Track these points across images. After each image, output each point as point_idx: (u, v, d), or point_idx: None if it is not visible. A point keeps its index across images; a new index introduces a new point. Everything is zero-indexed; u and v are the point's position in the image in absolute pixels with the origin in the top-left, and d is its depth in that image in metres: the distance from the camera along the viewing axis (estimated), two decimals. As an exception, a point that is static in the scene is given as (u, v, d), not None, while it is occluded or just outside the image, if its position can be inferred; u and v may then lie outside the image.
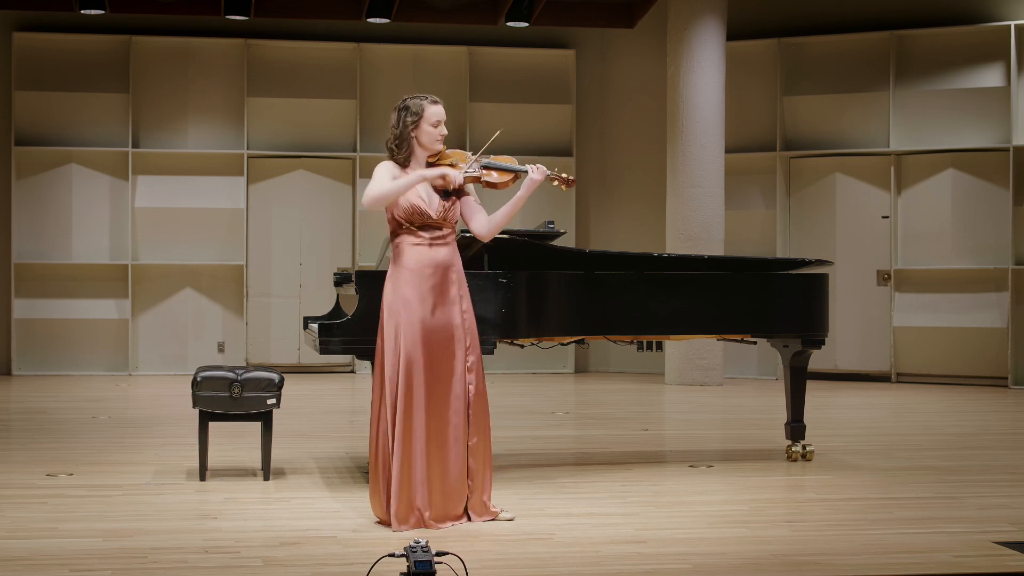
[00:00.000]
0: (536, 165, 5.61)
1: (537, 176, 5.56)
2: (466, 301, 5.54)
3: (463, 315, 5.50)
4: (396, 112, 5.54)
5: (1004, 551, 4.96)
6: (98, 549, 4.92)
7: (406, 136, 5.50)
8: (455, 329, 5.47)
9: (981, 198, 12.04)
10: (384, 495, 5.38)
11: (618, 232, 13.33)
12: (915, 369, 12.26)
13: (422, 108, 5.50)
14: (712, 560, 4.81)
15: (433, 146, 5.53)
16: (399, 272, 5.47)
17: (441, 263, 5.47)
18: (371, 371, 7.39)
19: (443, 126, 5.54)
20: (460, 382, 5.47)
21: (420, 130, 5.50)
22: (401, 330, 5.40)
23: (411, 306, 5.41)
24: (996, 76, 12.04)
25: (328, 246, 12.89)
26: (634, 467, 7.02)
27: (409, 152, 5.52)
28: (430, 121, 5.50)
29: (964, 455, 7.69)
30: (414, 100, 5.53)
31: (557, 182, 5.68)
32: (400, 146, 5.52)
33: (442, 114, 5.54)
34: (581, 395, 11.48)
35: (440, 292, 5.46)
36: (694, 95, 11.83)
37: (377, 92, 13.01)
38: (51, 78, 12.62)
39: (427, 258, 5.46)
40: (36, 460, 7.05)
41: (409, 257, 5.46)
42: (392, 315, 5.44)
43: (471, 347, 5.50)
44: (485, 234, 5.62)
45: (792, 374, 7.20)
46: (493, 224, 5.60)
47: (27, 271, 12.51)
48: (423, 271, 5.44)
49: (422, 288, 5.43)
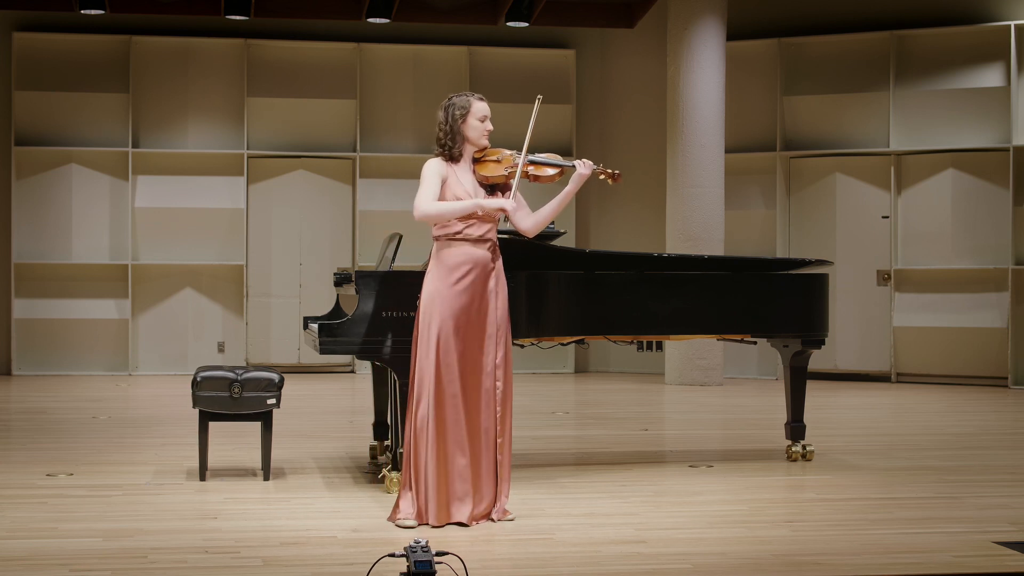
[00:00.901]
0: (583, 160, 5.70)
1: (585, 171, 5.65)
2: (502, 298, 5.58)
3: (498, 312, 5.55)
4: (443, 110, 5.63)
5: (1004, 551, 4.96)
6: (98, 549, 4.92)
7: (457, 129, 5.58)
8: (488, 326, 5.52)
9: (981, 198, 12.04)
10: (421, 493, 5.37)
11: (618, 232, 13.33)
12: (915, 369, 12.27)
13: (469, 104, 5.59)
14: (712, 560, 4.81)
15: (480, 141, 5.61)
16: (439, 268, 5.51)
17: (480, 260, 5.52)
18: (372, 371, 7.40)
19: (489, 122, 5.63)
20: (490, 378, 5.51)
21: (467, 124, 5.59)
22: (435, 326, 5.43)
23: (449, 302, 5.45)
24: (996, 76, 12.05)
25: (328, 246, 12.90)
26: (634, 467, 7.02)
27: (461, 145, 5.59)
28: (477, 116, 5.59)
29: (964, 455, 7.69)
30: (460, 97, 5.63)
31: (604, 176, 5.77)
32: (453, 140, 5.58)
33: (487, 110, 5.64)
34: (581, 395, 11.48)
35: (478, 289, 5.50)
36: (694, 95, 11.83)
37: (377, 92, 13.02)
38: (51, 78, 12.62)
39: (467, 255, 5.50)
40: (36, 460, 7.05)
41: (450, 254, 5.51)
42: (429, 309, 5.47)
43: (500, 343, 5.54)
44: (530, 229, 5.67)
45: (792, 374, 7.20)
46: (539, 219, 5.66)
47: (27, 271, 12.51)
48: (462, 268, 5.49)
49: (461, 285, 5.47)
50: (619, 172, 5.84)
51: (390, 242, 6.52)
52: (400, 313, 6.00)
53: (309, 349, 7.46)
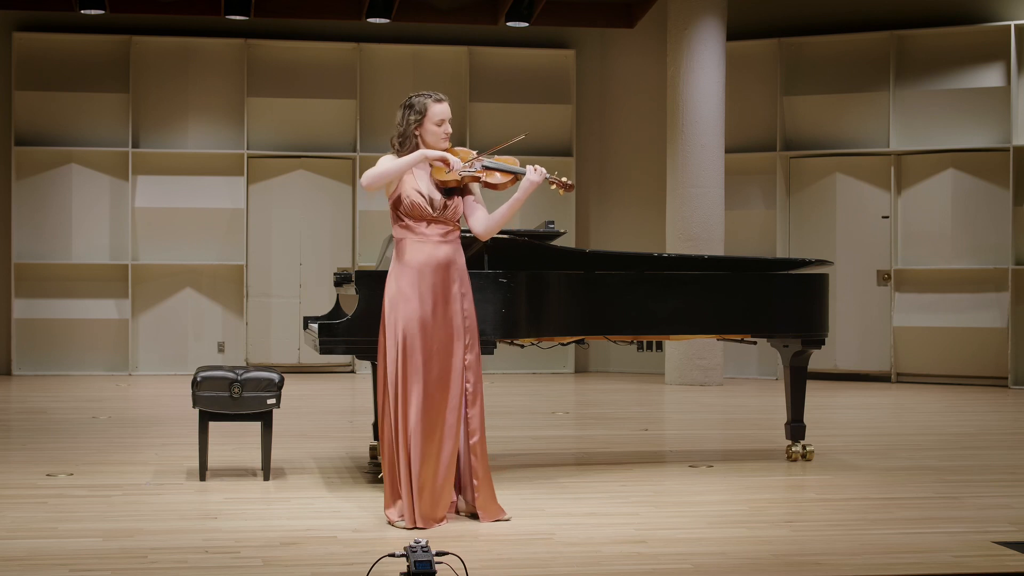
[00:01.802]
0: (535, 167, 5.57)
1: (535, 178, 5.52)
2: (468, 299, 5.54)
3: (464, 313, 5.51)
4: (401, 109, 5.56)
5: (1004, 551, 4.96)
6: (98, 549, 4.92)
7: (410, 134, 5.52)
8: (455, 328, 5.48)
9: (981, 198, 12.04)
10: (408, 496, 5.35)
11: (618, 232, 13.33)
12: (915, 369, 12.26)
13: (426, 107, 5.51)
14: (712, 560, 4.81)
15: (437, 144, 5.54)
16: (401, 269, 5.47)
17: (442, 261, 5.48)
18: (372, 371, 7.40)
19: (447, 124, 5.55)
20: (458, 380, 5.47)
21: (424, 128, 5.52)
22: (400, 327, 5.40)
23: (411, 303, 5.42)
24: (996, 76, 12.04)
25: (328, 246, 12.89)
26: (634, 467, 7.02)
27: (412, 150, 5.52)
28: (434, 120, 5.51)
29: (964, 455, 7.69)
30: (418, 98, 5.55)
31: (555, 186, 5.62)
32: (404, 143, 5.53)
33: (447, 112, 5.55)
34: (581, 395, 11.48)
35: (441, 290, 5.46)
36: (694, 95, 11.83)
37: (377, 92, 13.01)
38: (51, 78, 12.62)
39: (428, 255, 5.46)
40: (36, 460, 7.05)
41: (411, 254, 5.47)
42: (392, 312, 5.45)
43: (470, 345, 5.51)
44: (482, 232, 5.62)
45: (792, 374, 7.20)
46: (491, 223, 5.59)
47: (27, 271, 12.51)
48: (424, 268, 5.45)
49: (423, 285, 5.43)
50: (572, 183, 5.65)
51: (390, 242, 6.52)
52: (400, 313, 5.98)
53: (309, 349, 7.46)
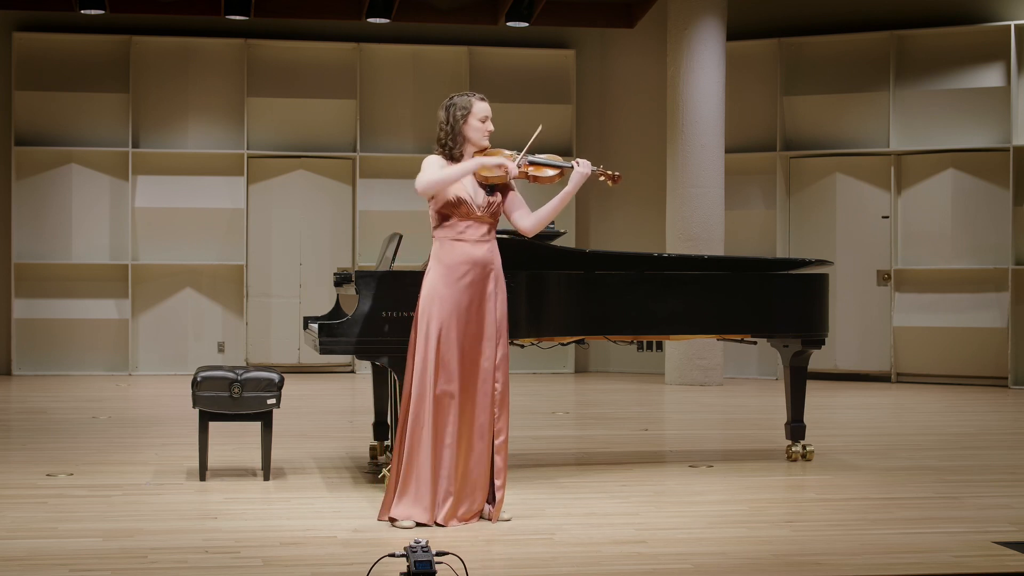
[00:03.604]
0: (583, 160, 5.69)
1: (585, 170, 5.65)
2: (501, 299, 5.57)
3: (497, 313, 5.54)
4: (444, 110, 5.60)
5: (1004, 551, 4.96)
6: (98, 549, 4.92)
7: (458, 130, 5.55)
8: (487, 327, 5.51)
9: (981, 198, 12.04)
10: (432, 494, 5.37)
11: (618, 232, 13.33)
12: (915, 369, 12.26)
13: (470, 104, 5.57)
14: (712, 560, 4.81)
15: (480, 141, 5.59)
16: (438, 268, 5.50)
17: (479, 261, 5.51)
18: (371, 371, 7.40)
19: (490, 122, 5.61)
20: (488, 379, 5.50)
21: (468, 125, 5.56)
22: (433, 326, 5.43)
23: (446, 303, 5.44)
24: (996, 76, 12.05)
25: (328, 246, 12.89)
26: (634, 467, 7.02)
27: (462, 146, 5.57)
28: (478, 116, 5.57)
29: (964, 455, 7.69)
30: (461, 97, 5.61)
31: (603, 177, 5.78)
32: (454, 141, 5.56)
33: (488, 110, 5.61)
34: (581, 395, 11.48)
35: (477, 290, 5.49)
36: (694, 95, 11.83)
37: (377, 92, 13.02)
38: (51, 78, 12.62)
39: (466, 255, 5.49)
40: (36, 460, 7.05)
41: (449, 254, 5.50)
42: (427, 310, 5.46)
43: (500, 344, 5.53)
44: (530, 228, 5.67)
45: (792, 374, 7.20)
46: (538, 219, 5.66)
47: (27, 271, 12.51)
48: (461, 268, 5.48)
49: (459, 285, 5.47)
50: (619, 174, 5.85)
51: (390, 242, 6.52)
52: (400, 313, 6.00)
53: (309, 349, 7.46)
